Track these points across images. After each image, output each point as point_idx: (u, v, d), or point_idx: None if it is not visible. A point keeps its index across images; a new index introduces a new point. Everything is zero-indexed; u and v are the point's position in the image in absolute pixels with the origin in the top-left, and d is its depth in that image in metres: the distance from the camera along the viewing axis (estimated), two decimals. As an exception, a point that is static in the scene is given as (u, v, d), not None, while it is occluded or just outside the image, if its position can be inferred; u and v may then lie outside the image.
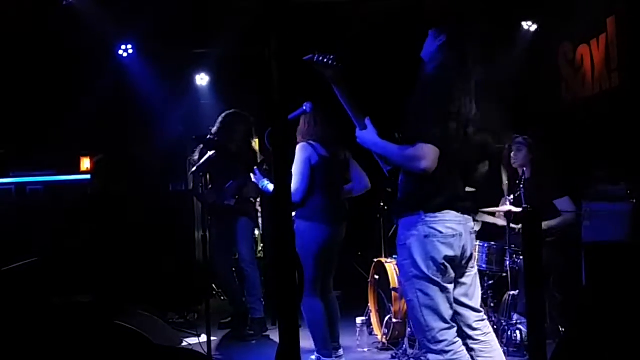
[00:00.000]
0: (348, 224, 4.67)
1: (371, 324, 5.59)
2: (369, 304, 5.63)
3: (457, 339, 2.96)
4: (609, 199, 4.90)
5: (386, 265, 5.33)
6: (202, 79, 8.48)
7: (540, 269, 3.61)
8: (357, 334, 5.42)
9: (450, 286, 2.99)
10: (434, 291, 2.94)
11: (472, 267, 3.14)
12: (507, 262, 4.89)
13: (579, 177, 5.52)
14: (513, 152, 5.26)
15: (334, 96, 3.27)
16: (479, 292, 3.17)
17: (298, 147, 4.51)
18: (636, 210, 4.66)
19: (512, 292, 4.87)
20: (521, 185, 4.88)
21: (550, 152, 5.58)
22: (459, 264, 3.03)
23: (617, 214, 4.75)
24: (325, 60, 3.17)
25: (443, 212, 2.95)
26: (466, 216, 3.02)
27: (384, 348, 5.18)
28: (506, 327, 4.72)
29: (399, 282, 3.10)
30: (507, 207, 4.94)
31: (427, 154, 2.85)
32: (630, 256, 4.46)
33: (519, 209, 4.82)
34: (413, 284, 2.97)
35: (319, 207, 4.46)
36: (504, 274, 4.97)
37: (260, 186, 4.71)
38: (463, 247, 3.00)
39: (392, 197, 3.21)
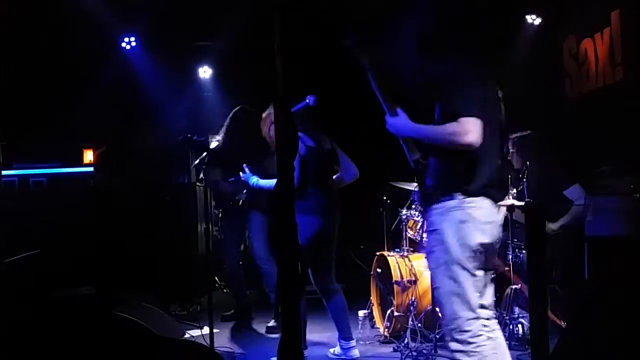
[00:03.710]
0: (348, 217, 4.65)
1: (373, 317, 5.60)
2: (371, 297, 5.63)
3: (482, 332, 2.93)
4: (612, 193, 4.89)
5: (388, 258, 5.33)
6: (204, 72, 8.47)
7: (543, 263, 3.61)
8: (359, 327, 5.42)
9: (480, 273, 2.97)
10: (465, 278, 2.92)
11: (492, 269, 3.14)
12: (510, 256, 4.89)
13: (582, 171, 5.51)
14: (517, 149, 5.24)
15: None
16: (491, 292, 3.15)
17: None
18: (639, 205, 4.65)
19: (514, 286, 4.87)
20: (524, 179, 4.86)
21: (554, 147, 5.57)
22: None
23: (620, 209, 4.74)
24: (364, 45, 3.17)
25: (480, 197, 2.94)
26: (497, 207, 3.02)
27: (385, 341, 5.19)
28: (508, 321, 4.72)
29: (431, 273, 3.09)
30: (510, 200, 4.93)
31: (472, 128, 2.83)
32: (634, 251, 4.46)
33: (521, 203, 4.81)
34: (443, 270, 2.96)
35: (313, 199, 4.42)
36: (507, 268, 4.97)
37: (250, 184, 4.66)
38: (496, 236, 3.02)
39: (420, 184, 3.18)
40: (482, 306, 3.03)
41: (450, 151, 2.94)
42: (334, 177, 4.77)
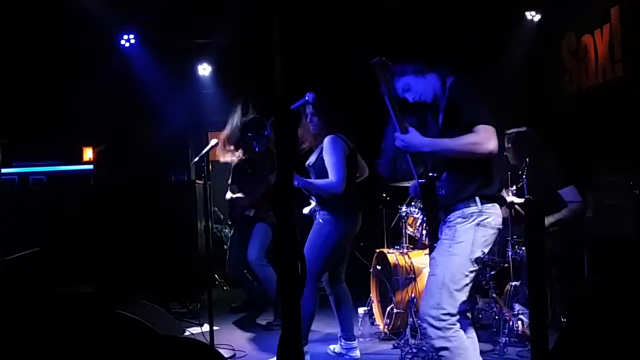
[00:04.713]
0: None
1: (373, 314, 5.61)
2: (371, 294, 5.64)
3: (457, 324, 3.06)
4: (612, 190, 4.89)
5: (388, 255, 5.33)
6: (204, 69, 8.47)
7: (543, 260, 3.61)
8: (359, 324, 5.43)
9: (470, 284, 3.11)
10: (462, 276, 3.07)
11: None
12: (509, 253, 4.89)
13: (581, 168, 5.51)
14: (513, 145, 5.23)
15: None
16: None
17: (330, 139, 4.44)
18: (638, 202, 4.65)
19: (514, 283, 4.87)
20: (524, 176, 4.86)
21: (553, 143, 5.56)
22: None
23: (620, 206, 4.74)
24: (388, 64, 3.24)
25: (495, 204, 3.14)
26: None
27: (385, 338, 5.19)
28: (508, 318, 4.73)
29: (431, 261, 3.21)
30: (510, 197, 4.93)
31: (490, 135, 2.97)
32: (634, 247, 4.46)
33: (521, 200, 4.82)
34: (446, 262, 3.08)
35: (346, 198, 4.44)
36: (506, 265, 4.97)
37: (295, 183, 4.42)
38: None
39: (428, 192, 3.28)
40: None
41: (466, 160, 3.08)
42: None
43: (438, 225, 3.28)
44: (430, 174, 3.25)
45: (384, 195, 6.16)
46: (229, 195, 6.02)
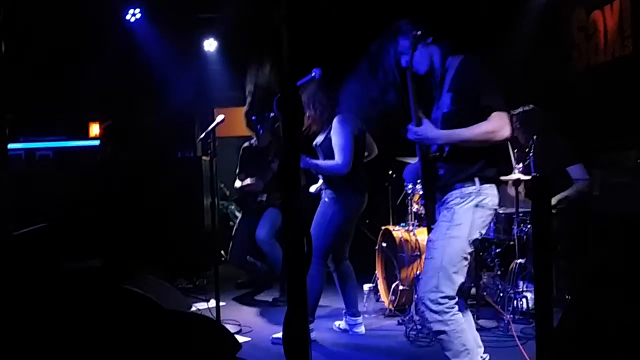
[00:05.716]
0: None
1: (378, 291, 5.64)
2: (376, 271, 5.66)
3: (456, 306, 3.05)
4: (620, 167, 4.86)
5: (393, 232, 5.34)
6: (210, 45, 8.43)
7: (548, 238, 3.61)
8: (364, 301, 5.47)
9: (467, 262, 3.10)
10: (460, 259, 3.05)
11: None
12: (515, 230, 4.89)
13: (589, 145, 5.47)
14: (520, 124, 5.20)
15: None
16: None
17: (339, 119, 4.45)
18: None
19: (519, 260, 4.88)
20: (531, 154, 4.84)
21: (561, 120, 5.53)
22: None
23: (628, 184, 4.72)
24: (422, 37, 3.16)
25: (492, 185, 3.11)
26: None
27: (390, 314, 5.22)
28: (513, 295, 4.74)
29: (428, 244, 3.17)
30: (516, 175, 4.91)
31: (505, 122, 2.98)
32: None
33: (527, 177, 4.80)
34: (444, 244, 3.05)
35: (353, 178, 4.45)
36: (512, 242, 4.97)
37: (303, 164, 4.41)
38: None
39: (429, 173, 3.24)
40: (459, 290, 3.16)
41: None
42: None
43: (434, 206, 3.25)
44: (432, 153, 3.19)
45: (390, 172, 6.15)
46: (238, 183, 6.02)
